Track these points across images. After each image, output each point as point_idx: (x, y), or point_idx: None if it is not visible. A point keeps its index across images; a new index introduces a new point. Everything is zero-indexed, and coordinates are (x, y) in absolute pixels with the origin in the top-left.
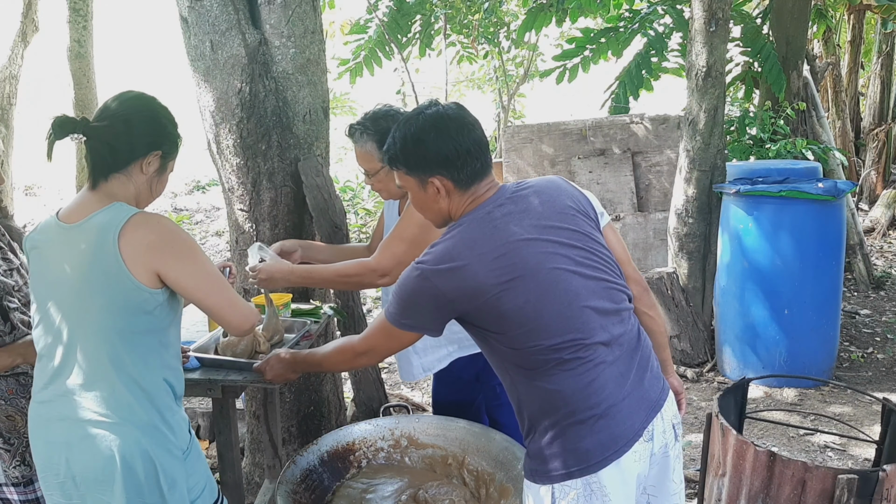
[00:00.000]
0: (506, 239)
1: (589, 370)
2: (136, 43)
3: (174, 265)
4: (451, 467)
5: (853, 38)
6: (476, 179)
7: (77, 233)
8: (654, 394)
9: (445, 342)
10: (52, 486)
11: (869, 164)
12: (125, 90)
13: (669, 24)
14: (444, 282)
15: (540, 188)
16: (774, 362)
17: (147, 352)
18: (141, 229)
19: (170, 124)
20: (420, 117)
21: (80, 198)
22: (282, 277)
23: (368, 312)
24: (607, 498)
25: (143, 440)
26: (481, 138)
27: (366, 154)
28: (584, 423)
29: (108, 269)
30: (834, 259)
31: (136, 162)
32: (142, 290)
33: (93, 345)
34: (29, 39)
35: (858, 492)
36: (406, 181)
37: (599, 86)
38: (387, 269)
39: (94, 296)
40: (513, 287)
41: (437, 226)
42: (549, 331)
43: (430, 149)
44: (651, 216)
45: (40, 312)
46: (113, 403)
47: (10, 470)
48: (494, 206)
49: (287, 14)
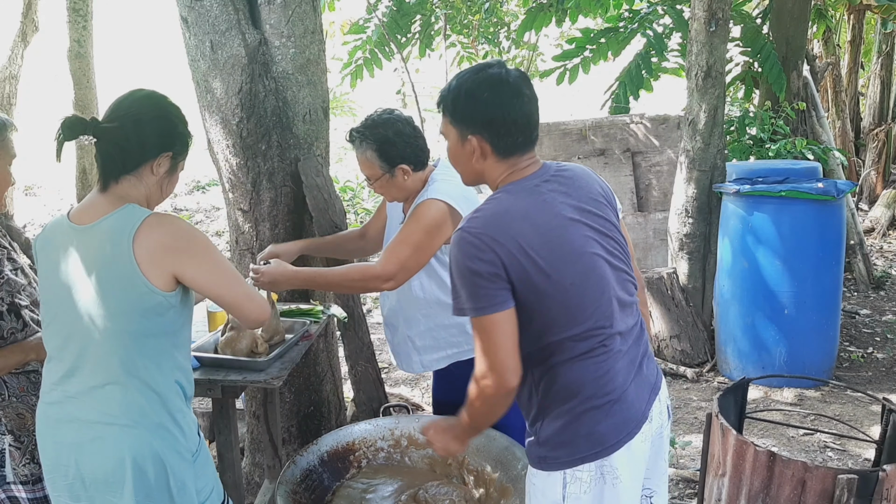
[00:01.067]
0: (556, 213)
1: (608, 359)
2: (136, 43)
3: (191, 265)
4: (451, 467)
5: (853, 38)
6: (515, 152)
7: (89, 235)
8: (652, 377)
9: (445, 344)
10: (60, 488)
11: (869, 164)
12: (136, 88)
13: (669, 24)
14: (497, 245)
15: (576, 173)
16: (774, 362)
17: (159, 354)
18: (155, 232)
19: (181, 124)
20: (481, 74)
21: (91, 200)
22: (285, 281)
23: (368, 312)
24: (618, 480)
25: (155, 442)
26: (532, 113)
27: (366, 161)
28: (599, 408)
29: (122, 273)
30: (834, 259)
31: (146, 164)
32: (155, 293)
33: (105, 347)
34: (29, 39)
35: (858, 492)
36: (448, 130)
37: (599, 86)
38: (391, 273)
39: (107, 299)
40: (562, 265)
41: (466, 183)
42: (584, 316)
43: (479, 107)
44: (651, 216)
45: (51, 313)
46: (124, 405)
47: (20, 468)
48: (541, 181)
49: (287, 14)
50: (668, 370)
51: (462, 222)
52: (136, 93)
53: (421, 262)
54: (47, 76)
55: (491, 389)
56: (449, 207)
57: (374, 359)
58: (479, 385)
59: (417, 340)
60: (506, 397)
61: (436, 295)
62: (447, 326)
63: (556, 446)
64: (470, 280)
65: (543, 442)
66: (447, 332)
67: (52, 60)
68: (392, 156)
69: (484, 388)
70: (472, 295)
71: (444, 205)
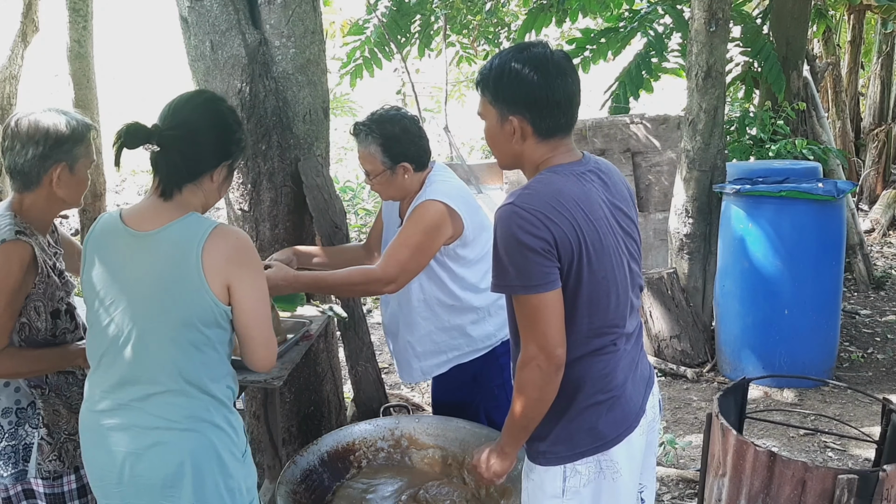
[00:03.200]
0: (599, 205)
1: (614, 358)
2: (136, 43)
3: (244, 279)
4: (451, 467)
5: (853, 38)
6: (556, 133)
7: (153, 242)
8: (646, 372)
9: (446, 348)
10: (112, 495)
11: (869, 164)
12: (193, 92)
13: (669, 24)
14: (552, 223)
15: (610, 168)
16: (774, 362)
17: (217, 362)
18: (222, 242)
19: (239, 130)
20: (525, 53)
21: (151, 206)
22: (287, 285)
23: (368, 313)
24: (618, 474)
25: (213, 442)
26: (575, 94)
27: (369, 155)
28: (602, 404)
29: (189, 283)
30: (834, 259)
31: (208, 173)
32: (218, 305)
33: (167, 356)
34: (29, 39)
35: (858, 492)
36: (487, 111)
37: (599, 86)
38: (392, 276)
39: (171, 308)
40: (601, 257)
41: (501, 165)
42: (606, 311)
43: (524, 86)
44: (651, 216)
45: (102, 318)
46: (185, 411)
47: (45, 463)
48: (586, 170)
49: (287, 14)
50: (668, 370)
51: (510, 198)
52: (195, 98)
53: (421, 263)
54: (47, 76)
55: (543, 370)
56: (447, 208)
57: (375, 359)
58: (529, 369)
59: (417, 346)
60: (557, 374)
61: (436, 296)
62: (447, 329)
63: (556, 441)
64: (522, 255)
65: (543, 437)
66: (447, 335)
67: (52, 60)
68: (396, 153)
69: (534, 370)
70: (524, 272)
71: (443, 206)
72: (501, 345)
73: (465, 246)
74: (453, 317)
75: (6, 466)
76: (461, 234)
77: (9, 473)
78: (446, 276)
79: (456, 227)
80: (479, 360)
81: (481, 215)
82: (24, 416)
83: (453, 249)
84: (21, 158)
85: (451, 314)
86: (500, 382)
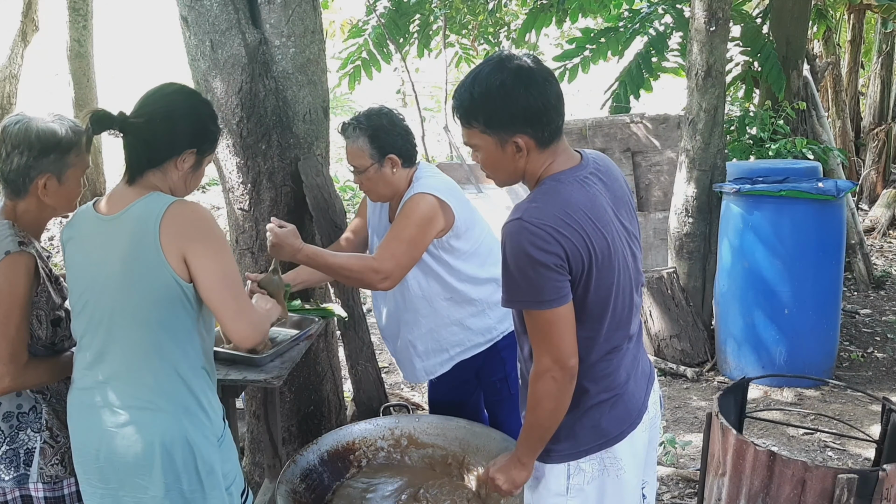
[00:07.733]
0: (605, 209)
1: (619, 359)
2: (136, 43)
3: (199, 251)
4: (451, 467)
5: (853, 37)
6: (555, 138)
7: (116, 224)
8: (647, 369)
9: (448, 345)
10: (91, 471)
11: (869, 163)
12: (165, 83)
13: (669, 23)
14: (562, 237)
15: (608, 165)
16: (774, 362)
17: (187, 341)
18: (178, 216)
19: (210, 121)
20: (503, 70)
21: (117, 191)
22: (290, 250)
23: (368, 312)
24: (622, 471)
25: (183, 425)
26: (560, 92)
27: (356, 150)
28: (605, 402)
29: (149, 261)
30: (834, 259)
31: (171, 160)
32: (178, 281)
33: (135, 334)
34: (29, 39)
35: (858, 491)
36: (480, 139)
37: (599, 86)
38: (388, 270)
39: (135, 287)
40: (610, 263)
41: (503, 184)
42: (615, 317)
43: (519, 103)
44: (651, 216)
45: (80, 302)
46: (154, 391)
47: (47, 468)
48: (587, 173)
49: (287, 14)
50: (668, 370)
51: (517, 213)
52: (165, 88)
53: (415, 257)
54: (47, 76)
55: (558, 381)
56: (438, 200)
57: (374, 358)
58: (544, 381)
59: (419, 345)
60: (571, 383)
61: (436, 291)
62: (448, 325)
63: (560, 439)
64: (534, 272)
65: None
66: (448, 332)
67: (52, 60)
68: (384, 144)
69: (549, 382)
70: (536, 288)
71: (434, 198)
72: (503, 338)
73: (459, 238)
74: (453, 310)
75: (7, 470)
76: (452, 225)
77: (10, 477)
78: (443, 270)
79: (447, 219)
80: (482, 356)
81: (470, 209)
82: (26, 421)
83: (447, 241)
84: (7, 167)
85: (451, 307)
86: (503, 376)
